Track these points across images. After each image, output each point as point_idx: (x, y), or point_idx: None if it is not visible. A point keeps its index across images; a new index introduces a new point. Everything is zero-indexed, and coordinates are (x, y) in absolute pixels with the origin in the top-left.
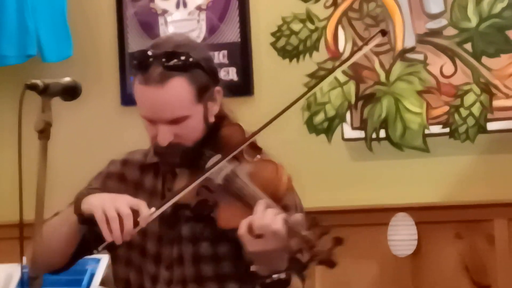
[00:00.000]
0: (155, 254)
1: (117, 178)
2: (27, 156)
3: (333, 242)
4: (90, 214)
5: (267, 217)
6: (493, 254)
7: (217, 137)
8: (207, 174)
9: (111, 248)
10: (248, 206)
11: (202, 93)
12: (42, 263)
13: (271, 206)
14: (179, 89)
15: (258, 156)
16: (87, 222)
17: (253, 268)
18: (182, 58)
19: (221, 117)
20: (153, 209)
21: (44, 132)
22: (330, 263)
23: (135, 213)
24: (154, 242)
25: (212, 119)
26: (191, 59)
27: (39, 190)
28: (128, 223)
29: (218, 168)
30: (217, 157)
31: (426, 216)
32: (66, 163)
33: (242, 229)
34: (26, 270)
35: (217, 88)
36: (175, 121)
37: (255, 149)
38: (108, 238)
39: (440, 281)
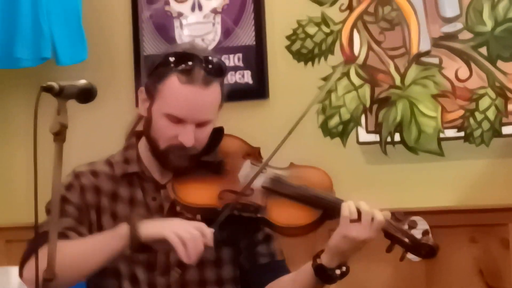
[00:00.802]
0: (147, 261)
1: (94, 190)
2: (42, 158)
3: (425, 233)
4: (159, 239)
5: (367, 206)
6: (508, 258)
7: (215, 145)
8: (250, 183)
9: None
10: (308, 204)
11: (222, 101)
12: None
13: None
14: (217, 93)
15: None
16: (143, 249)
17: (320, 260)
18: (219, 66)
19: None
20: (212, 229)
21: (59, 134)
22: (433, 252)
23: (203, 235)
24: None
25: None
26: (223, 67)
27: (54, 192)
28: (200, 243)
29: (250, 174)
30: (248, 164)
31: (440, 220)
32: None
33: (345, 211)
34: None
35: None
36: (202, 124)
37: (259, 157)
38: (187, 259)
39: (454, 285)
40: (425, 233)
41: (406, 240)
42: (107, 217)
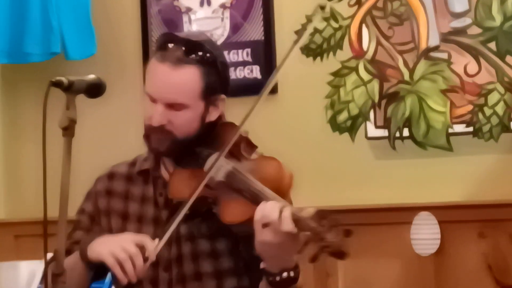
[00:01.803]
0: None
1: (105, 194)
2: (51, 153)
3: (342, 234)
4: (99, 261)
5: (275, 208)
6: None
7: (212, 136)
8: (208, 177)
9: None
10: (253, 201)
11: (208, 93)
12: None
13: (279, 200)
14: (189, 77)
15: (255, 154)
16: (95, 267)
17: (263, 265)
18: (202, 51)
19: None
20: (156, 240)
21: (68, 129)
22: (340, 254)
23: (142, 248)
24: None
25: (208, 121)
26: (209, 55)
27: (63, 187)
28: (139, 260)
29: (218, 166)
30: (215, 156)
31: (449, 215)
32: (90, 160)
33: (257, 216)
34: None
35: (222, 96)
36: (174, 107)
37: (251, 146)
38: (123, 280)
39: (463, 280)
40: (345, 233)
41: (315, 240)
42: (116, 219)
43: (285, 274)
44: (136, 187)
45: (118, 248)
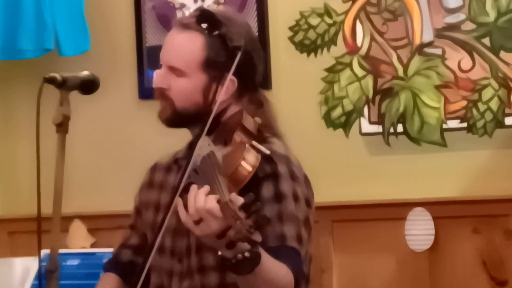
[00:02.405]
0: (171, 249)
1: (147, 186)
2: (45, 149)
3: (255, 220)
4: None
5: (199, 199)
6: (511, 249)
7: (219, 124)
8: (192, 161)
9: None
10: (212, 188)
11: (211, 66)
12: None
13: (219, 189)
14: (191, 42)
15: (253, 142)
16: None
17: (220, 252)
18: (213, 23)
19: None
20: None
21: (62, 126)
22: (248, 240)
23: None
24: (170, 236)
25: (214, 101)
26: (220, 29)
27: (57, 183)
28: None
29: (201, 151)
30: (204, 140)
31: (443, 210)
32: (84, 156)
33: (182, 217)
34: (44, 264)
35: (232, 77)
36: (174, 72)
37: (248, 135)
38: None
39: (457, 276)
40: (257, 223)
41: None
42: (151, 210)
43: (239, 256)
44: (171, 176)
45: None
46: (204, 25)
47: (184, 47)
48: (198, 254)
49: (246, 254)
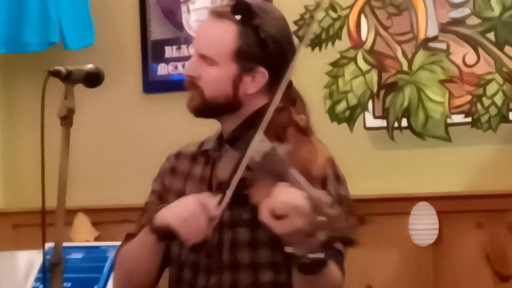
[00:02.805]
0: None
1: (170, 172)
2: (49, 142)
3: (355, 221)
4: (165, 227)
5: (287, 195)
6: None
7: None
8: (247, 157)
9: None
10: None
11: (242, 57)
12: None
13: (301, 186)
14: (224, 32)
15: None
16: (166, 237)
17: (288, 249)
18: (247, 13)
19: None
20: (215, 199)
21: (66, 119)
22: (348, 241)
23: (205, 208)
24: None
25: (244, 94)
26: (254, 20)
27: (61, 176)
28: (203, 218)
29: (258, 147)
30: (258, 136)
31: (447, 205)
32: (88, 149)
33: (264, 214)
34: (48, 257)
35: (262, 69)
36: (205, 60)
37: (301, 131)
38: (189, 239)
39: (461, 270)
40: (359, 220)
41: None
42: (174, 198)
43: (312, 256)
44: (198, 167)
45: (181, 208)
46: (238, 15)
47: (217, 36)
48: (232, 251)
49: (319, 255)
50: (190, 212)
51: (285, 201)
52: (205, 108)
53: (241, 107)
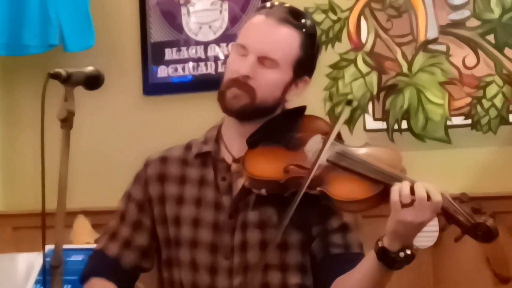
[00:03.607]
0: (211, 244)
1: (158, 179)
2: (49, 145)
3: (490, 216)
4: None
5: (423, 189)
6: None
7: (295, 123)
8: (319, 158)
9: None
10: (370, 179)
11: (299, 65)
12: None
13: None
14: (290, 38)
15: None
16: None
17: (382, 243)
18: (307, 21)
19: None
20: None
21: (66, 121)
22: (490, 236)
23: None
24: (209, 232)
25: (285, 101)
26: (311, 27)
27: (61, 179)
28: None
29: (316, 149)
30: (316, 138)
31: None
32: (89, 152)
33: (395, 196)
34: (48, 259)
35: (307, 77)
36: (265, 63)
37: (340, 139)
38: None
39: (461, 273)
40: (488, 216)
41: (463, 220)
42: (171, 204)
43: (407, 251)
44: (193, 170)
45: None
46: (300, 23)
47: (285, 41)
48: (261, 251)
49: (408, 251)
50: None
51: (419, 191)
52: (252, 110)
53: (275, 112)
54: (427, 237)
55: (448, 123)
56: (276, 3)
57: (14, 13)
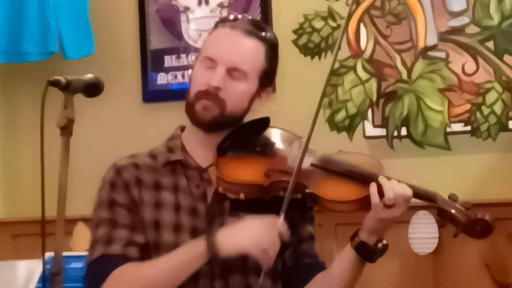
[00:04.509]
0: None
1: (136, 183)
2: (49, 152)
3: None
4: (238, 252)
5: (397, 187)
6: None
7: (261, 132)
8: (300, 163)
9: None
10: (360, 181)
11: (264, 76)
12: None
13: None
14: (256, 49)
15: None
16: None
17: (360, 238)
18: (269, 33)
19: None
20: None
21: (66, 129)
22: (489, 227)
23: (275, 228)
24: (189, 237)
25: (250, 110)
26: (273, 39)
27: (61, 186)
28: (278, 243)
29: (296, 155)
30: (295, 145)
31: None
32: (88, 159)
33: (375, 199)
34: (48, 266)
35: (269, 88)
36: (234, 74)
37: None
38: (267, 265)
39: (461, 279)
40: (482, 213)
41: (459, 216)
42: (149, 209)
43: (382, 243)
44: (166, 177)
45: (261, 236)
46: (264, 34)
47: (252, 53)
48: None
49: (384, 241)
50: (270, 241)
51: (399, 193)
52: (221, 121)
53: (240, 123)
54: (427, 243)
55: (448, 129)
56: (239, 16)
57: (14, 20)
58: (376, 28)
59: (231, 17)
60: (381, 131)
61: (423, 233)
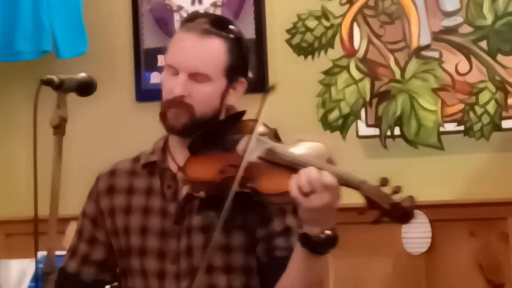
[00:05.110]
0: (158, 250)
1: (107, 192)
2: (42, 151)
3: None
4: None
5: (313, 173)
6: (507, 252)
7: (233, 127)
8: (246, 157)
9: None
10: (294, 172)
11: (231, 71)
12: None
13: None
14: (215, 48)
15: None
16: None
17: (302, 230)
18: (228, 27)
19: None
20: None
21: (59, 128)
22: (408, 214)
23: None
24: (156, 239)
25: (226, 105)
26: (235, 32)
27: (54, 185)
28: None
29: (253, 147)
30: (246, 139)
31: (440, 214)
32: (81, 158)
33: (294, 191)
34: (41, 266)
35: (243, 79)
36: (196, 78)
37: (277, 138)
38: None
39: (454, 279)
40: (408, 198)
41: (381, 202)
42: (120, 215)
43: (325, 234)
44: (140, 180)
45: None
46: (222, 31)
47: (209, 54)
48: (199, 254)
49: (328, 232)
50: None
51: (313, 178)
52: (194, 125)
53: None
54: (420, 243)
55: (441, 129)
56: (201, 12)
57: (7, 19)
58: (370, 27)
59: (188, 16)
60: (375, 131)
61: (416, 232)
